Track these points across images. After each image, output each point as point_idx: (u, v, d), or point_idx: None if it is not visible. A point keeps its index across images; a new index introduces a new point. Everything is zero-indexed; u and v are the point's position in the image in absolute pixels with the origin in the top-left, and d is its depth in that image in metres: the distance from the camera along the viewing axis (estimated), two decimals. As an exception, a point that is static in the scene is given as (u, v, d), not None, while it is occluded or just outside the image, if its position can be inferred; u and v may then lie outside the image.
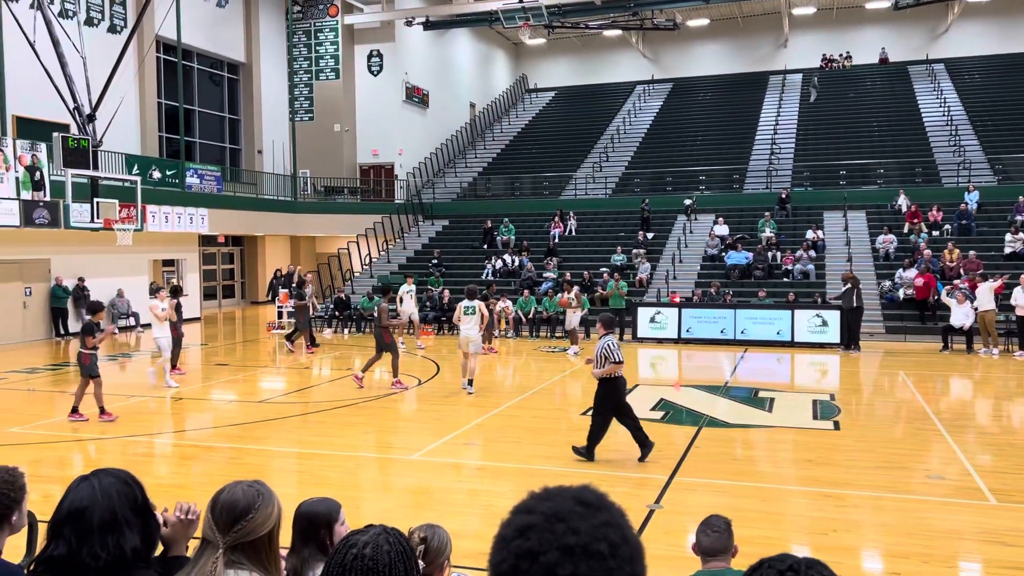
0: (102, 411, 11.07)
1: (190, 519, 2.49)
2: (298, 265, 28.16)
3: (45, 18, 18.90)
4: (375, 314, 14.83)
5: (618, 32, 40.90)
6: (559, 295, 20.10)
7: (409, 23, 33.86)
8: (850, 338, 18.15)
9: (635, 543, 1.11)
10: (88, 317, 11.64)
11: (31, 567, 2.21)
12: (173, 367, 15.12)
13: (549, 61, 46.02)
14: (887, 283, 20.91)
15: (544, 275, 23.51)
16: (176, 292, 16.31)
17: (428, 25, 34.78)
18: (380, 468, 8.99)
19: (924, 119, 32.07)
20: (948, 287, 19.03)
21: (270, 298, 26.63)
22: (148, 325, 18.60)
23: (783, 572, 1.46)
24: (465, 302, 13.63)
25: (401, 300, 18.64)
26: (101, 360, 11.77)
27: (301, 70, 33.16)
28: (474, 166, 35.68)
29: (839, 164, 29.00)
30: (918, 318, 19.69)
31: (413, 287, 19.65)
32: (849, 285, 18.15)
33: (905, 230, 23.49)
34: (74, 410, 11.13)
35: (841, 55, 40.20)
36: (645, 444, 8.80)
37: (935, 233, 23.22)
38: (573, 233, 27.11)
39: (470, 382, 13.22)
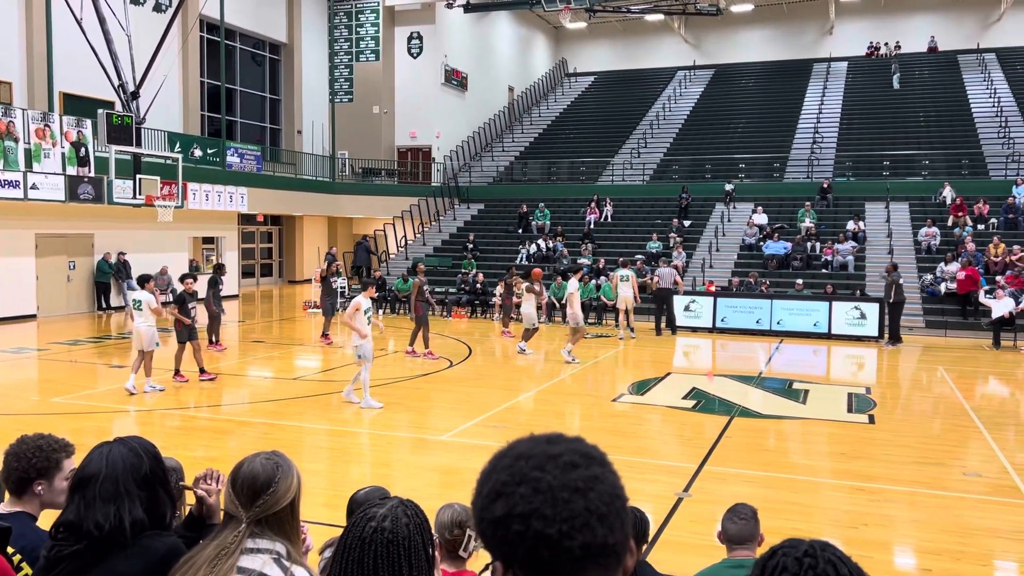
0: (200, 371, 12.58)
1: (220, 485, 2.52)
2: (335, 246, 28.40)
3: (92, -4, 19.14)
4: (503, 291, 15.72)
5: (660, 17, 40.38)
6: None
7: (450, 5, 33.75)
8: (889, 332, 17.85)
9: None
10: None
11: (54, 530, 2.20)
12: (215, 343, 15.46)
13: (589, 45, 45.63)
14: (928, 277, 20.50)
15: (579, 260, 23.44)
16: (218, 270, 16.47)
17: (468, 8, 34.64)
18: (410, 447, 9.06)
19: (973, 110, 31.28)
20: (986, 288, 18.57)
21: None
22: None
23: (800, 559, 1.35)
24: (620, 271, 17.72)
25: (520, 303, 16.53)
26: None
27: (342, 51, 33.28)
28: (511, 150, 35.59)
29: (883, 154, 28.43)
30: (960, 313, 19.29)
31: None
32: (890, 278, 17.80)
33: (949, 223, 22.99)
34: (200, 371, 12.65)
35: (887, 44, 39.35)
36: None
37: (980, 227, 22.69)
38: (609, 219, 26.96)
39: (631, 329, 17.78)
